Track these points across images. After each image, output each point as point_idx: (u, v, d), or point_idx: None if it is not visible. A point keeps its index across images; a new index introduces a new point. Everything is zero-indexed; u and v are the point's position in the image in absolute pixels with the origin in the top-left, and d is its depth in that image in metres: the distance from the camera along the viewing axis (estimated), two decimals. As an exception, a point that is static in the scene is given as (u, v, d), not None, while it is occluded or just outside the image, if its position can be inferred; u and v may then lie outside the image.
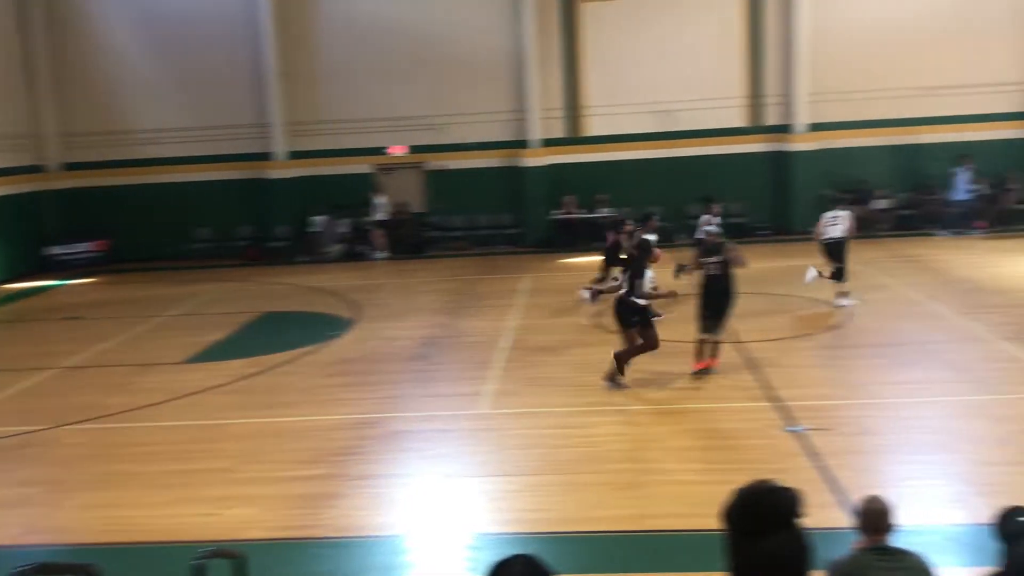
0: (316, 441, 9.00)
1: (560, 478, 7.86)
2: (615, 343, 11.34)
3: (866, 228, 20.51)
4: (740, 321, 13.11)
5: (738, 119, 21.70)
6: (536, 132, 21.75)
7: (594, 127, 21.95)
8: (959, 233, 20.14)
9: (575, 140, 22.02)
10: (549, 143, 21.90)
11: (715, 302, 10.44)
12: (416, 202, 22.64)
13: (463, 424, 9.37)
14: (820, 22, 20.87)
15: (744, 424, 8.92)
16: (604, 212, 20.84)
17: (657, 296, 10.66)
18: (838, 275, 13.68)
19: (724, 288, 10.48)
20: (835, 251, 13.67)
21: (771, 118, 21.58)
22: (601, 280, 14.43)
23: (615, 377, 10.20)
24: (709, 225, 13.54)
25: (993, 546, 4.03)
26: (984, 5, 20.76)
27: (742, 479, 7.36)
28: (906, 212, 21.17)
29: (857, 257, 17.85)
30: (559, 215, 21.58)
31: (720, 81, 21.51)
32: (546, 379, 10.82)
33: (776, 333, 12.39)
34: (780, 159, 21.54)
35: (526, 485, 7.76)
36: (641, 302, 10.19)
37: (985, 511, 6.68)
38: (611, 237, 14.27)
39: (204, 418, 9.94)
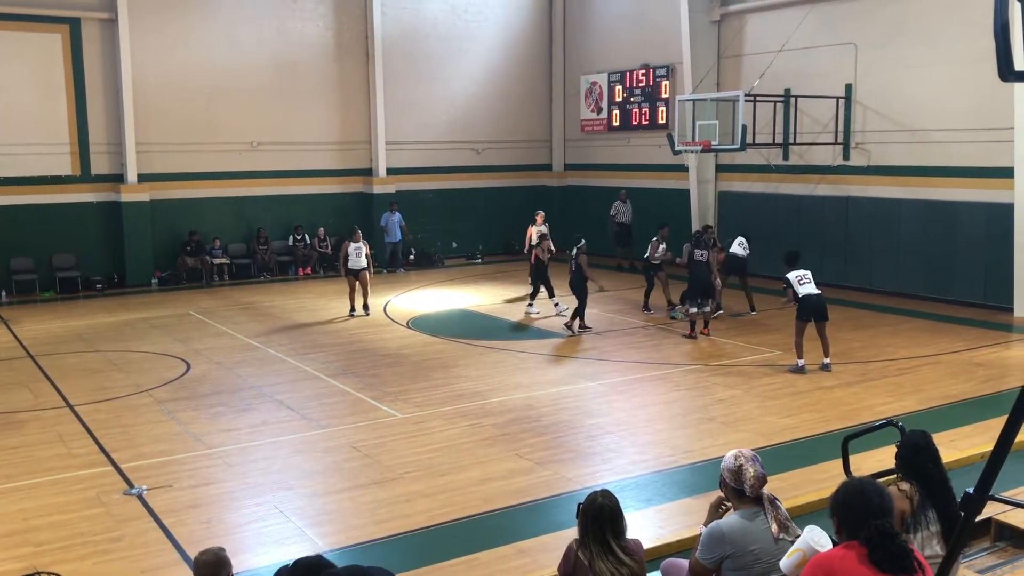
0: None
1: None
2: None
3: (204, 278, 20.82)
4: (67, 382, 12.22)
5: (66, 167, 20.30)
6: None
7: None
8: (392, 271, 22.40)
9: None
10: None
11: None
12: None
13: None
14: (142, 74, 20.59)
15: (78, 495, 8.20)
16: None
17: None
18: None
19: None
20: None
21: (101, 167, 20.62)
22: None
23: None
24: None
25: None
26: (302, 72, 22.59)
27: (75, 556, 6.84)
28: (242, 261, 21.91)
29: (196, 306, 18.01)
30: None
31: (44, 126, 19.90)
32: None
33: (108, 393, 11.73)
34: (113, 209, 20.68)
35: None
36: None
37: (320, 542, 7.14)
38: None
39: None
